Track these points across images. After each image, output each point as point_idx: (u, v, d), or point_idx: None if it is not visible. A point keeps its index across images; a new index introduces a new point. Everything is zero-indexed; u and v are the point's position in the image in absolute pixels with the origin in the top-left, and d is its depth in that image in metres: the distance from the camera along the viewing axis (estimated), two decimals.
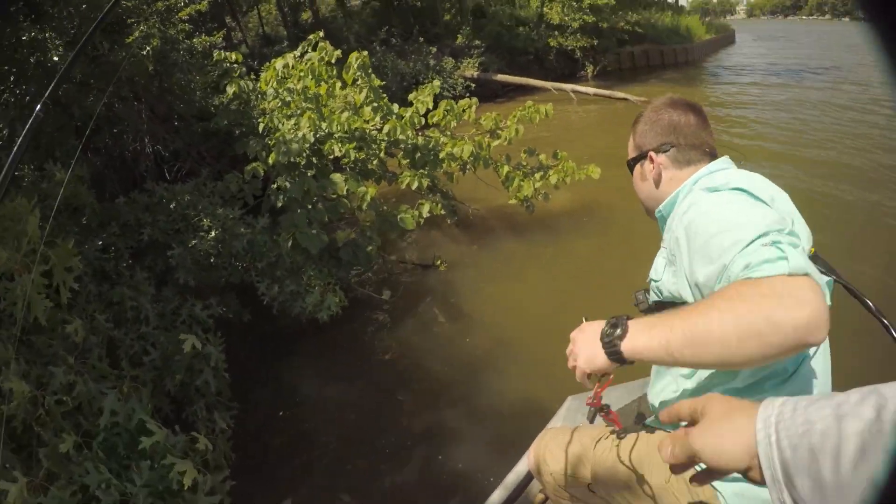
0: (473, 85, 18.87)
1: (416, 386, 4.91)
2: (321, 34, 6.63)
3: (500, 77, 19.96)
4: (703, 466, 0.85)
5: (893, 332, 1.68)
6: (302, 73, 6.36)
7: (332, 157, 5.95)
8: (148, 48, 5.11)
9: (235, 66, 6.60)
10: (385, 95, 6.65)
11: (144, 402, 2.84)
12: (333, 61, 6.45)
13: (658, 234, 1.70)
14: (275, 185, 5.44)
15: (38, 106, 1.65)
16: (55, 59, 4.40)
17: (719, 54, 36.80)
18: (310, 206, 5.37)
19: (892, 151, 11.11)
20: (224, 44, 11.41)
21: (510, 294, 6.34)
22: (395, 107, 6.55)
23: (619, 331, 1.26)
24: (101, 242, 4.37)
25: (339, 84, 6.59)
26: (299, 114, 6.05)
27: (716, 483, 1.41)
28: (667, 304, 1.52)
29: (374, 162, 6.32)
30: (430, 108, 6.59)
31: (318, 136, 5.81)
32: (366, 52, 6.48)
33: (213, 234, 4.67)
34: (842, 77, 24.83)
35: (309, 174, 5.55)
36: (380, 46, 18.02)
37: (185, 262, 4.46)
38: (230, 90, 6.10)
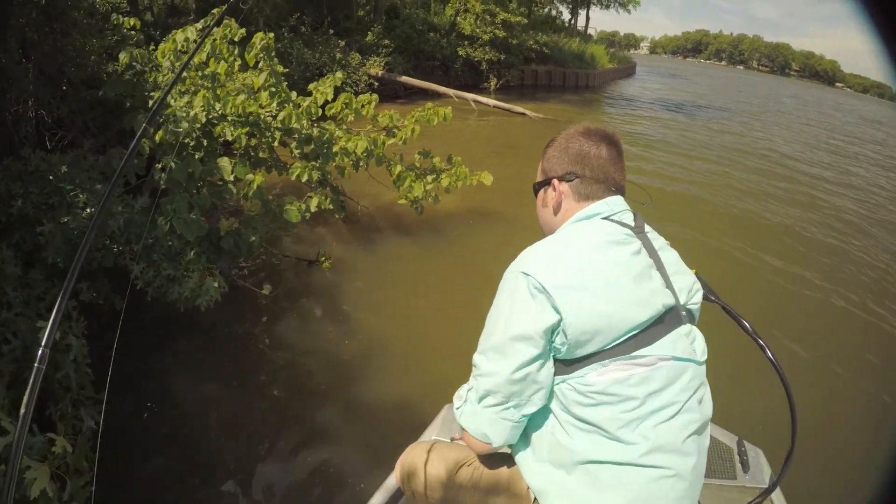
0: (377, 83, 18.86)
1: (294, 386, 4.83)
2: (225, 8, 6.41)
3: (404, 79, 20.02)
4: None
5: (769, 353, 1.84)
6: (202, 48, 6.07)
7: (221, 140, 5.76)
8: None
9: (132, 33, 6.31)
10: (286, 82, 6.50)
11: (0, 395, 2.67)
12: (237, 40, 6.22)
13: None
14: (159, 165, 5.20)
15: None
16: None
17: (619, 84, 38.70)
18: (194, 191, 5.16)
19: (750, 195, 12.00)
20: (128, 8, 10.96)
21: (394, 296, 6.35)
22: (294, 95, 6.41)
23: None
24: None
25: (238, 65, 6.37)
26: (193, 92, 5.81)
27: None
28: None
29: (266, 150, 6.20)
30: (330, 99, 6.49)
31: (210, 116, 5.60)
32: (272, 35, 6.33)
33: (87, 211, 4.36)
34: (728, 117, 26.52)
35: (196, 156, 5.33)
36: (288, 33, 17.68)
37: (56, 240, 4.14)
38: (123, 59, 5.81)
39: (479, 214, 8.54)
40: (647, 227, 1.58)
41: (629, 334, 1.34)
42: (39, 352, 1.56)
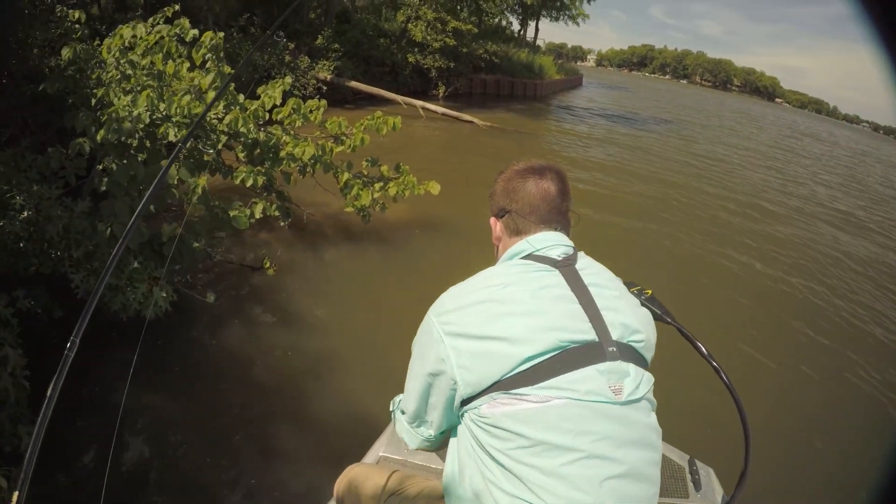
0: (325, 88, 18.77)
1: (239, 397, 4.74)
2: (177, 8, 6.28)
3: (353, 84, 19.94)
4: None
5: (723, 375, 1.86)
6: (149, 45, 5.93)
7: (165, 142, 5.59)
8: None
9: (77, 27, 6.11)
10: (233, 84, 6.37)
11: None
12: (188, 40, 6.05)
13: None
14: (100, 167, 5.06)
15: None
16: None
17: (566, 94, 39.32)
18: (136, 194, 5.02)
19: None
20: (74, 1, 10.64)
21: (339, 304, 6.32)
22: (241, 97, 6.28)
23: None
24: None
25: (186, 65, 6.17)
26: (138, 90, 5.63)
27: None
28: None
29: (211, 153, 6.08)
30: (278, 104, 6.42)
31: (154, 117, 5.44)
32: (221, 34, 6.22)
33: (24, 214, 4.15)
34: (672, 130, 27.27)
35: (139, 158, 5.20)
36: (237, 33, 17.46)
37: None
38: (66, 53, 5.61)
39: (425, 223, 8.58)
40: (584, 262, 1.54)
41: (516, 370, 1.31)
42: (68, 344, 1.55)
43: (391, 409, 1.77)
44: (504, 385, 1.30)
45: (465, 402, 1.38)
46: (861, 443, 5.18)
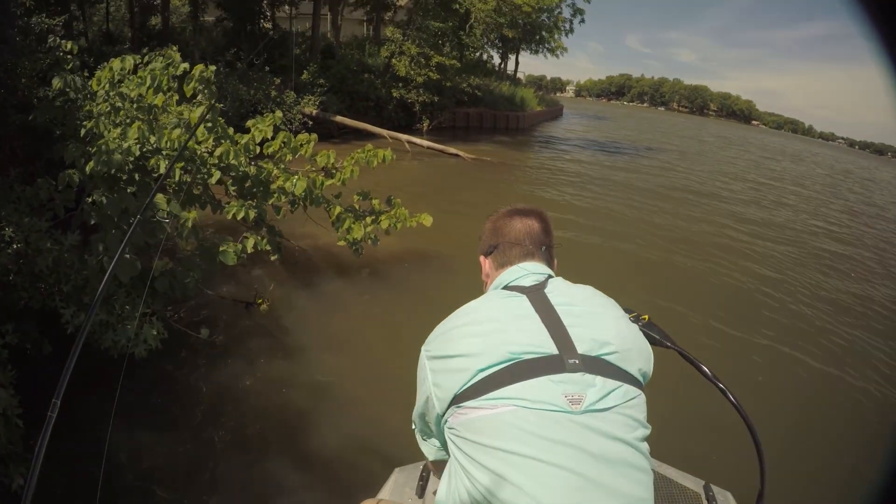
0: (311, 122, 18.95)
1: (234, 436, 4.63)
2: (176, 48, 6.25)
3: (339, 119, 20.06)
4: None
5: (730, 396, 1.81)
6: (140, 80, 5.90)
7: (155, 174, 5.55)
8: None
9: (69, 57, 6.06)
10: (222, 118, 6.35)
11: None
12: (179, 73, 6.04)
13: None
14: (90, 199, 4.99)
15: None
16: None
17: (547, 125, 39.80)
18: (126, 227, 4.90)
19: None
20: (62, 31, 10.61)
21: (334, 340, 6.25)
22: (231, 131, 6.26)
23: None
24: None
25: (176, 97, 6.17)
26: (129, 123, 5.61)
27: None
28: None
29: (200, 186, 6.02)
30: (268, 137, 6.38)
31: (144, 150, 5.41)
32: (213, 67, 6.19)
33: (14, 246, 4.08)
34: (653, 156, 27.67)
35: (129, 191, 5.14)
36: (224, 68, 17.51)
37: None
38: (56, 84, 5.56)
39: (417, 256, 8.54)
40: (554, 285, 1.59)
41: (470, 382, 1.38)
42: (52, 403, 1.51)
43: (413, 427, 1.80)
44: (462, 397, 1.38)
45: (443, 418, 1.47)
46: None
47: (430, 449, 1.75)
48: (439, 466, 1.68)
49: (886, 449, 4.24)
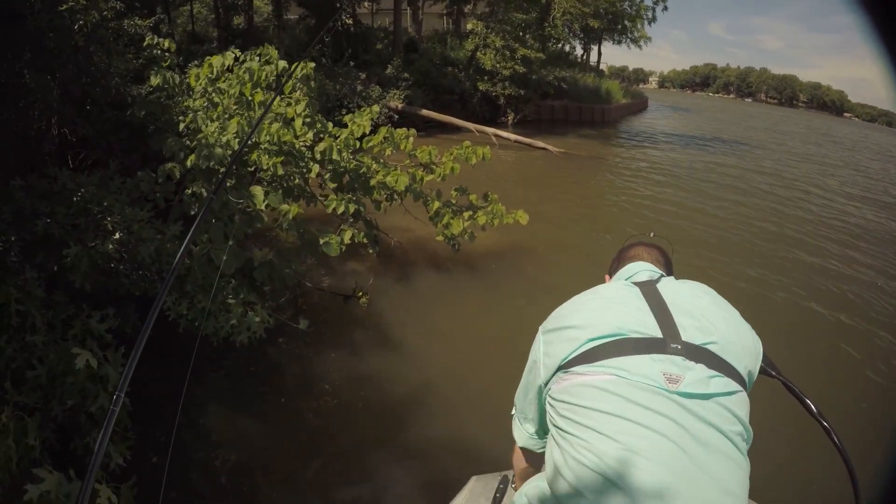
0: (396, 116, 18.90)
1: (334, 425, 4.64)
2: (274, 47, 6.24)
3: (425, 112, 20.01)
4: None
5: (834, 437, 1.65)
6: (239, 79, 5.92)
7: (253, 168, 5.56)
8: (82, 21, 4.58)
9: (167, 54, 6.09)
10: (320, 113, 6.33)
11: (32, 435, 2.35)
12: (278, 72, 6.01)
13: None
14: (189, 191, 4.99)
15: None
16: None
17: (633, 118, 38.73)
18: (227, 219, 4.90)
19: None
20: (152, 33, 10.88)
21: (433, 336, 6.17)
22: (330, 125, 6.24)
23: None
24: None
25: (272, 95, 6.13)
26: (227, 118, 5.62)
27: None
28: None
29: (297, 180, 5.96)
30: (367, 132, 6.29)
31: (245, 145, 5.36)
32: (312, 63, 6.14)
33: (117, 235, 4.10)
34: (745, 150, 26.58)
35: (228, 184, 5.09)
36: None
37: (83, 264, 3.85)
38: (154, 80, 5.60)
39: (512, 252, 8.35)
40: (668, 281, 1.67)
41: (579, 350, 1.45)
42: (115, 396, 1.53)
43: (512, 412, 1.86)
44: (568, 364, 1.45)
45: (546, 387, 1.53)
46: None
47: (522, 434, 1.78)
48: (524, 457, 1.81)
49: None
